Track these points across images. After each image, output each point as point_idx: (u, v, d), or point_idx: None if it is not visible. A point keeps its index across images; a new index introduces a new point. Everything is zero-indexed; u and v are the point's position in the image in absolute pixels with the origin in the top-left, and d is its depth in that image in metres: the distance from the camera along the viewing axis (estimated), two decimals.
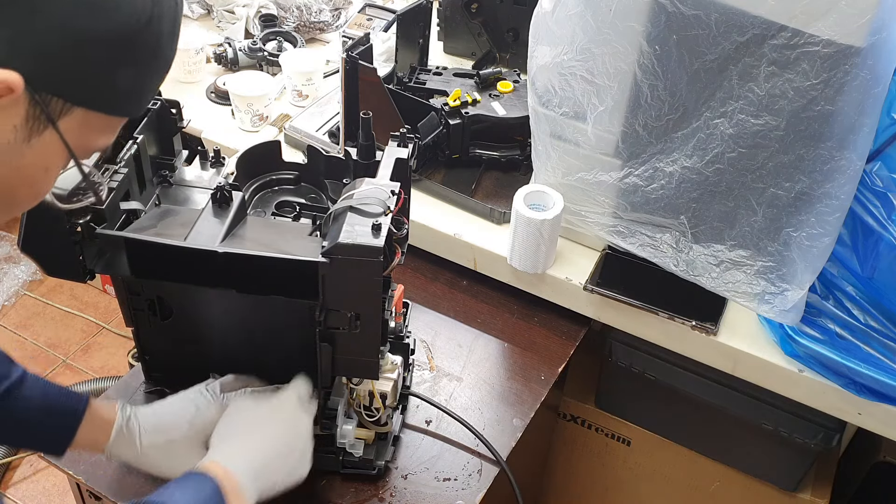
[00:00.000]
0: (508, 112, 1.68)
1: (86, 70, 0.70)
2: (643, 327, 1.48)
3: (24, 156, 0.71)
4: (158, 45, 0.75)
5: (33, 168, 0.73)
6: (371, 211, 1.03)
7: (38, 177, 0.75)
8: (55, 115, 0.70)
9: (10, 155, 0.70)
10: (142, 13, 0.72)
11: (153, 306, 1.16)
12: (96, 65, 0.71)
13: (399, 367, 1.28)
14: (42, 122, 0.70)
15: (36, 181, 0.75)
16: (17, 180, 0.73)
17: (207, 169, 1.19)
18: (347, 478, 1.28)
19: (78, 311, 2.76)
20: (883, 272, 1.25)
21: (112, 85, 0.73)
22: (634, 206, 1.41)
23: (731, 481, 1.70)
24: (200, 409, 1.15)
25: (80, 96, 0.71)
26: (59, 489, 2.30)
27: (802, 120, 1.20)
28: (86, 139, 0.75)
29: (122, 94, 0.75)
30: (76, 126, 0.72)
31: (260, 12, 2.15)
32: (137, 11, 0.71)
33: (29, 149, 0.70)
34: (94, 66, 0.71)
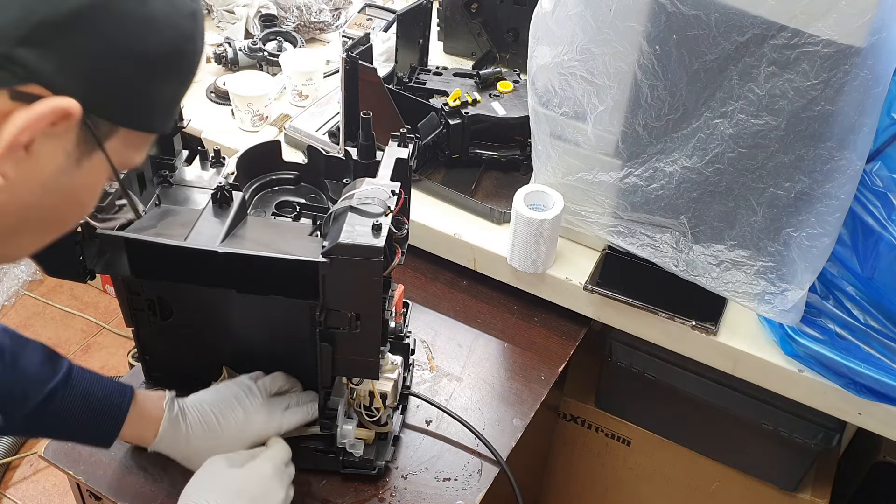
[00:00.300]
0: (508, 112, 1.68)
1: (134, 90, 0.72)
2: (643, 327, 1.48)
3: (74, 179, 0.71)
4: (195, 61, 0.77)
5: (82, 190, 0.74)
6: (371, 211, 1.03)
7: (86, 197, 0.76)
8: (102, 137, 0.71)
9: (61, 180, 0.70)
10: (186, 29, 0.74)
11: (153, 306, 1.16)
12: (144, 84, 0.72)
13: (399, 367, 1.28)
14: (91, 145, 0.70)
15: (84, 202, 0.77)
16: (68, 203, 0.75)
17: (207, 169, 1.19)
18: (347, 478, 1.28)
19: (78, 311, 2.76)
20: (883, 272, 1.25)
21: (156, 103, 0.75)
22: (634, 206, 1.41)
23: (731, 481, 1.70)
24: (249, 414, 1.16)
25: (127, 117, 0.73)
26: (59, 489, 2.30)
27: (802, 120, 1.20)
28: (126, 157, 0.75)
29: (163, 111, 0.76)
30: (119, 146, 0.73)
31: (260, 12, 2.15)
32: (183, 27, 0.73)
33: (78, 172, 0.71)
34: (142, 85, 0.72)
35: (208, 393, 1.18)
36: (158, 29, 0.71)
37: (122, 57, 0.69)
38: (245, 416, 1.16)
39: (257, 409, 1.17)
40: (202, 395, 1.18)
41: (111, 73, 0.69)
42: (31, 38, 0.63)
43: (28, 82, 0.65)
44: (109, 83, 0.69)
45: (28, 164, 0.67)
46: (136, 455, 1.29)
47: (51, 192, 0.71)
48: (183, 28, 0.73)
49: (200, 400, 1.17)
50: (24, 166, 0.67)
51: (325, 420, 1.21)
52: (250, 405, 1.17)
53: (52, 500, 2.29)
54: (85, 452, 1.29)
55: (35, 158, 0.67)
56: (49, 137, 0.67)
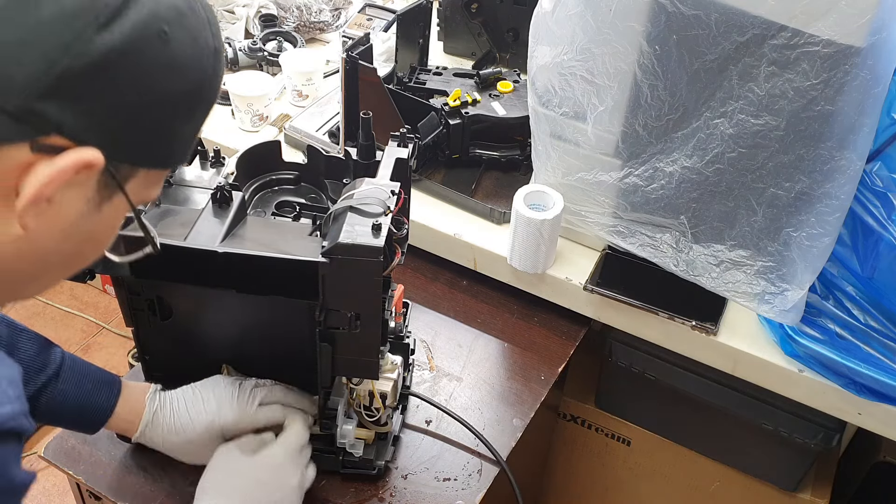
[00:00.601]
0: (508, 112, 1.68)
1: (157, 132, 0.71)
2: (643, 327, 1.48)
3: (94, 222, 0.71)
4: (215, 96, 0.76)
5: (102, 231, 0.74)
6: (371, 211, 1.03)
7: (105, 237, 0.76)
8: (123, 179, 0.70)
9: (81, 224, 0.70)
10: (208, 67, 0.73)
11: (153, 306, 1.16)
12: (167, 125, 0.71)
13: (399, 367, 1.28)
14: (112, 189, 0.70)
15: (103, 242, 0.76)
16: (87, 245, 0.74)
17: (207, 169, 1.19)
18: (347, 478, 1.28)
19: (78, 311, 2.76)
20: (883, 272, 1.25)
21: (177, 141, 0.74)
22: (634, 206, 1.41)
23: (731, 481, 1.70)
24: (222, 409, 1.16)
25: (149, 158, 0.72)
26: (59, 489, 2.30)
27: (802, 120, 1.20)
28: (144, 194, 0.75)
29: (183, 147, 0.76)
30: (139, 185, 0.72)
31: (260, 12, 2.15)
32: (205, 66, 0.72)
33: (99, 215, 0.70)
34: (165, 126, 0.71)
35: (189, 388, 1.20)
36: (181, 71, 0.69)
37: (145, 102, 0.68)
38: (217, 411, 1.16)
39: (231, 405, 1.17)
40: (184, 389, 1.20)
41: (134, 118, 0.68)
42: (54, 89, 0.62)
43: (50, 134, 0.63)
44: (132, 129, 0.68)
45: (49, 214, 0.66)
46: (136, 455, 1.29)
47: (70, 238, 0.70)
48: (205, 67, 0.72)
49: (180, 394, 1.19)
50: (45, 216, 0.66)
51: (325, 420, 1.21)
52: (225, 400, 1.17)
53: (52, 500, 2.29)
54: (85, 452, 1.29)
55: (56, 208, 0.66)
56: (70, 186, 0.66)
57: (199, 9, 0.72)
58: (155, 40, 0.66)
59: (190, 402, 1.17)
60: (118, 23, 0.64)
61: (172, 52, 0.68)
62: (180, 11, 0.69)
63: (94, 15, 0.62)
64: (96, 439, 1.30)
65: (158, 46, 0.67)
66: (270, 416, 1.19)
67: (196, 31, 0.71)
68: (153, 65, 0.67)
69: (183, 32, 0.69)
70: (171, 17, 0.68)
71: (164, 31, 0.67)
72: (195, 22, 0.71)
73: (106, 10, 0.63)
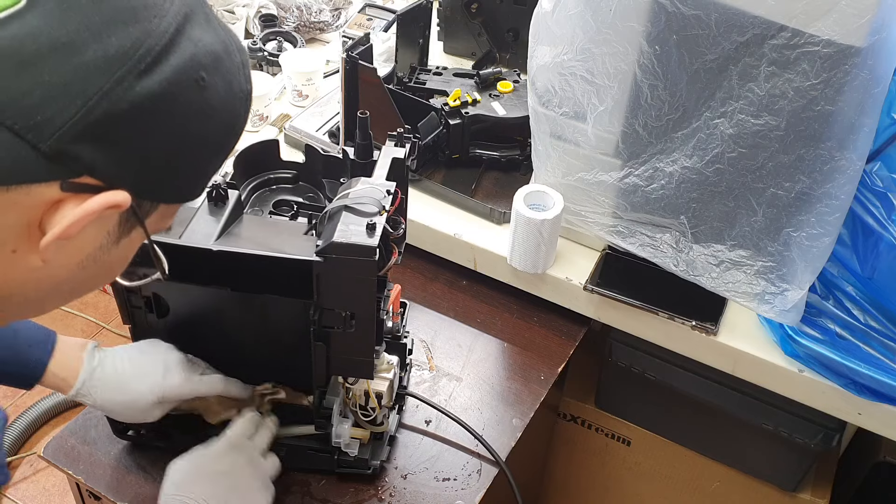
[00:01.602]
0: (508, 112, 1.68)
1: (185, 173, 0.71)
2: (643, 327, 1.48)
3: (111, 254, 0.71)
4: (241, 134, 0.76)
5: (117, 262, 0.74)
6: (366, 210, 1.02)
7: (120, 268, 0.76)
8: (145, 215, 0.70)
9: (99, 256, 0.70)
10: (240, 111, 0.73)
11: (150, 304, 1.16)
12: (195, 167, 0.72)
13: (395, 367, 1.28)
14: (132, 223, 0.70)
15: (117, 272, 0.77)
16: (102, 275, 0.74)
17: None
18: (346, 478, 1.28)
19: (78, 311, 2.76)
20: (883, 272, 1.25)
21: (201, 179, 0.75)
22: (634, 206, 1.41)
23: (731, 481, 1.70)
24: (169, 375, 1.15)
25: (173, 196, 0.72)
26: (59, 489, 2.30)
27: (802, 120, 1.20)
28: (160, 226, 0.75)
29: (205, 182, 0.76)
30: (157, 218, 0.73)
31: (260, 12, 2.15)
32: (237, 110, 0.72)
33: (116, 248, 0.71)
34: (194, 168, 0.72)
35: (134, 348, 1.18)
36: (215, 115, 0.70)
37: (177, 147, 0.68)
38: (164, 373, 1.15)
39: (178, 370, 1.16)
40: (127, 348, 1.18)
41: (165, 161, 0.68)
42: (89, 133, 0.61)
43: (81, 174, 0.63)
44: (162, 171, 0.68)
45: (69, 247, 0.66)
46: (136, 455, 1.29)
47: (87, 269, 0.70)
48: (237, 111, 0.72)
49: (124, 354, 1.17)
50: (65, 249, 0.66)
51: (320, 419, 1.21)
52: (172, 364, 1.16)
53: (52, 500, 2.29)
54: (85, 452, 1.29)
55: (76, 242, 0.66)
56: (94, 222, 0.65)
57: (235, 52, 0.72)
58: (192, 86, 0.66)
59: (136, 362, 1.15)
60: (158, 70, 0.64)
61: (208, 98, 0.68)
62: (218, 57, 0.69)
63: (136, 60, 0.62)
64: (96, 439, 1.30)
65: (195, 92, 0.67)
66: (212, 386, 1.19)
67: (231, 75, 0.71)
68: (188, 111, 0.67)
69: (219, 78, 0.69)
70: (209, 64, 0.68)
71: (202, 78, 0.67)
72: (230, 67, 0.71)
73: (148, 56, 0.63)
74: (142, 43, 0.63)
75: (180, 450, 1.19)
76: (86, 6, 0.61)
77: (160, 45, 0.64)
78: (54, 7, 0.60)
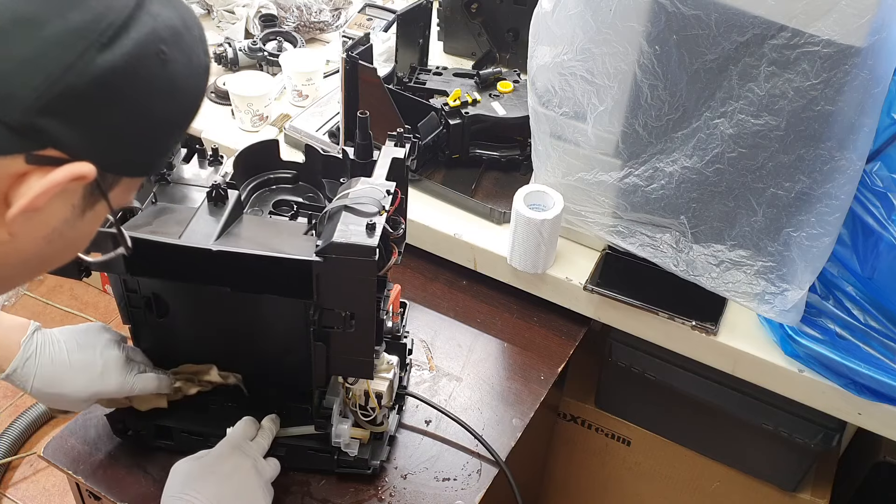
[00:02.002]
0: (508, 112, 1.68)
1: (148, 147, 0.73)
2: (643, 327, 1.48)
3: (76, 228, 0.72)
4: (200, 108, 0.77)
5: (82, 236, 0.75)
6: (366, 210, 1.02)
7: (85, 242, 0.77)
8: (108, 188, 0.71)
9: (64, 230, 0.71)
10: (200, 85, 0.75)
11: (149, 304, 1.16)
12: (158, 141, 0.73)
13: (395, 367, 1.28)
14: (96, 196, 0.71)
15: (81, 246, 0.78)
16: (67, 249, 0.75)
17: (205, 167, 1.19)
18: (346, 478, 1.28)
19: (78, 311, 2.76)
20: (883, 272, 1.25)
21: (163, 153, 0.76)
22: (634, 206, 1.41)
23: (731, 481, 1.70)
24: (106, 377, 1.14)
25: (136, 169, 0.74)
26: (59, 489, 2.30)
27: (802, 120, 1.20)
28: (122, 200, 0.76)
29: (166, 158, 0.78)
30: (120, 192, 0.74)
31: (260, 12, 2.15)
32: (198, 84, 0.74)
33: (81, 222, 0.72)
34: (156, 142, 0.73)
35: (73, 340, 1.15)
36: (178, 89, 0.71)
37: (141, 120, 0.69)
38: (101, 375, 1.14)
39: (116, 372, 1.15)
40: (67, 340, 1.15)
41: (129, 135, 0.69)
42: (55, 106, 0.63)
43: (46, 147, 0.64)
44: (126, 144, 0.69)
45: (35, 220, 0.68)
46: (136, 455, 1.29)
47: (53, 243, 0.71)
48: (198, 84, 0.74)
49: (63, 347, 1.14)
50: (31, 222, 0.67)
51: (320, 419, 1.21)
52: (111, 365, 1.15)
53: (52, 500, 2.29)
54: (85, 452, 1.29)
55: (43, 215, 0.68)
56: (59, 195, 0.67)
57: (194, 26, 0.73)
58: (154, 60, 0.68)
59: (74, 357, 1.13)
60: (120, 42, 0.65)
61: (169, 72, 0.69)
62: (177, 31, 0.70)
63: (98, 34, 0.64)
64: (96, 439, 1.30)
65: (157, 66, 0.68)
66: (145, 385, 1.18)
67: (191, 49, 0.72)
68: (151, 84, 0.68)
69: (179, 52, 0.70)
70: (169, 37, 0.69)
71: (162, 51, 0.68)
72: (190, 40, 0.72)
73: (109, 30, 0.64)
74: (103, 17, 0.64)
75: (180, 449, 1.20)
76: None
77: (121, 18, 0.65)
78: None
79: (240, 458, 1.14)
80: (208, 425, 1.23)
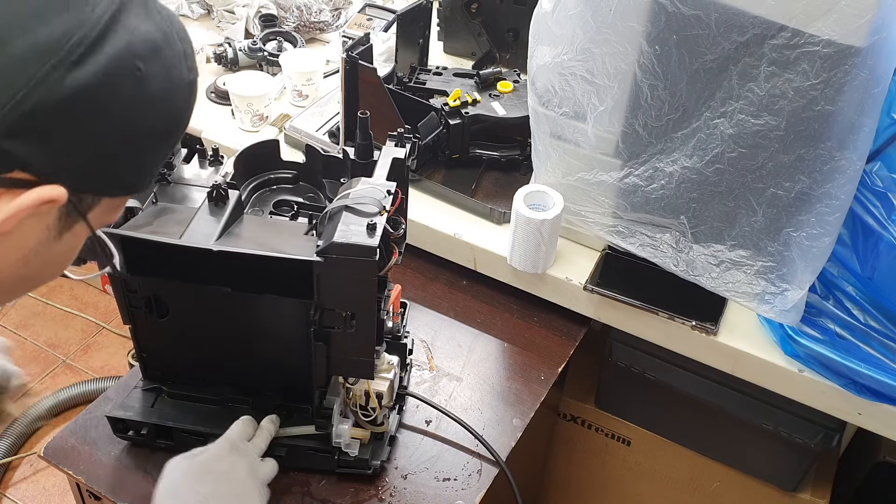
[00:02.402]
0: (508, 112, 1.68)
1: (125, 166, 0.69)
2: (643, 327, 1.48)
3: (54, 249, 0.69)
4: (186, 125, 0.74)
5: (61, 257, 0.72)
6: (366, 210, 1.02)
7: (65, 262, 0.74)
8: (87, 209, 0.68)
9: (41, 251, 0.68)
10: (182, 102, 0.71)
11: (150, 304, 1.16)
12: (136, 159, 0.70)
13: (395, 367, 1.28)
14: (74, 218, 0.68)
15: (62, 266, 0.75)
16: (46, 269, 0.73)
17: (206, 167, 1.19)
18: (346, 478, 1.27)
19: (78, 311, 2.76)
20: (883, 272, 1.25)
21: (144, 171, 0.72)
22: (634, 206, 1.41)
23: (731, 481, 1.70)
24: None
25: (114, 189, 0.70)
26: (59, 489, 2.30)
27: (802, 120, 1.20)
28: (105, 219, 0.73)
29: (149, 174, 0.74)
30: (101, 212, 0.71)
31: (260, 12, 2.15)
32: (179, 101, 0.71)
33: (59, 243, 0.69)
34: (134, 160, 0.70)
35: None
36: (155, 107, 0.68)
37: (115, 139, 0.66)
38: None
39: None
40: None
41: (104, 155, 0.66)
42: (20, 127, 0.60)
43: (13, 170, 0.61)
44: (101, 164, 0.66)
45: (8, 244, 0.65)
46: (136, 455, 1.29)
47: (30, 264, 0.68)
48: (179, 102, 0.71)
49: None
50: (3, 246, 0.65)
51: (321, 419, 1.21)
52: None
53: (52, 500, 2.29)
54: (85, 452, 1.29)
55: (15, 238, 0.65)
56: (31, 217, 0.64)
57: (176, 41, 0.70)
58: (129, 77, 0.64)
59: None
60: (91, 60, 0.62)
61: (146, 89, 0.66)
62: (156, 46, 0.67)
63: (67, 51, 0.61)
64: (96, 439, 1.30)
65: (132, 83, 0.65)
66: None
67: (171, 64, 0.69)
68: (126, 102, 0.65)
69: (158, 68, 0.67)
70: (147, 53, 0.66)
71: (138, 68, 0.65)
72: (171, 55, 0.69)
73: (79, 47, 0.61)
74: (73, 33, 0.61)
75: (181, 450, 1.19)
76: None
77: (93, 34, 0.62)
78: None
79: (235, 457, 1.13)
80: (208, 425, 1.23)
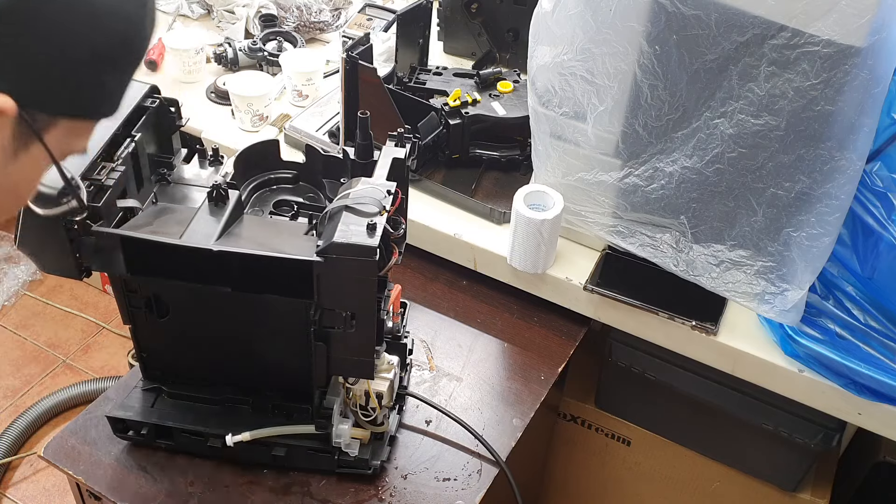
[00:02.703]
0: (508, 112, 1.68)
1: (75, 84, 0.68)
2: (643, 327, 1.48)
3: (11, 172, 0.68)
4: (143, 47, 0.73)
5: (18, 180, 0.71)
6: (366, 210, 1.02)
7: (25, 188, 0.74)
8: (41, 129, 0.68)
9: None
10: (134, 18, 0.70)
11: (150, 304, 1.16)
12: (87, 77, 0.69)
13: (395, 367, 1.28)
14: (28, 137, 0.67)
15: (20, 192, 0.74)
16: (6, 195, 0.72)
17: (206, 167, 1.19)
18: (346, 478, 1.27)
19: (78, 311, 2.76)
20: (883, 272, 1.25)
21: (100, 93, 0.71)
22: (634, 206, 1.41)
23: (731, 481, 1.70)
24: None
25: (67, 109, 0.69)
26: (59, 489, 2.30)
27: (802, 120, 1.20)
28: (68, 145, 0.73)
29: (108, 99, 0.73)
30: (60, 135, 0.70)
31: (260, 12, 2.15)
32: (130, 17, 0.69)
33: (15, 165, 0.68)
34: (85, 78, 0.69)
35: None
36: (103, 21, 0.66)
37: (59, 51, 0.65)
38: None
39: None
40: None
41: (48, 67, 0.65)
42: None
43: None
44: (47, 77, 0.65)
45: None
46: (137, 455, 1.29)
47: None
48: (131, 18, 0.69)
49: None
50: None
51: (321, 419, 1.21)
52: None
53: (52, 500, 2.29)
54: (85, 452, 1.29)
55: None
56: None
57: None
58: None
59: None
60: None
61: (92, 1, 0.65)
62: None
63: None
64: (96, 439, 1.30)
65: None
66: None
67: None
68: (70, 14, 0.64)
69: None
70: None
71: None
72: None
73: None
74: None
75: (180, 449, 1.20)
76: None
77: None
78: None
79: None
80: (208, 425, 1.23)
